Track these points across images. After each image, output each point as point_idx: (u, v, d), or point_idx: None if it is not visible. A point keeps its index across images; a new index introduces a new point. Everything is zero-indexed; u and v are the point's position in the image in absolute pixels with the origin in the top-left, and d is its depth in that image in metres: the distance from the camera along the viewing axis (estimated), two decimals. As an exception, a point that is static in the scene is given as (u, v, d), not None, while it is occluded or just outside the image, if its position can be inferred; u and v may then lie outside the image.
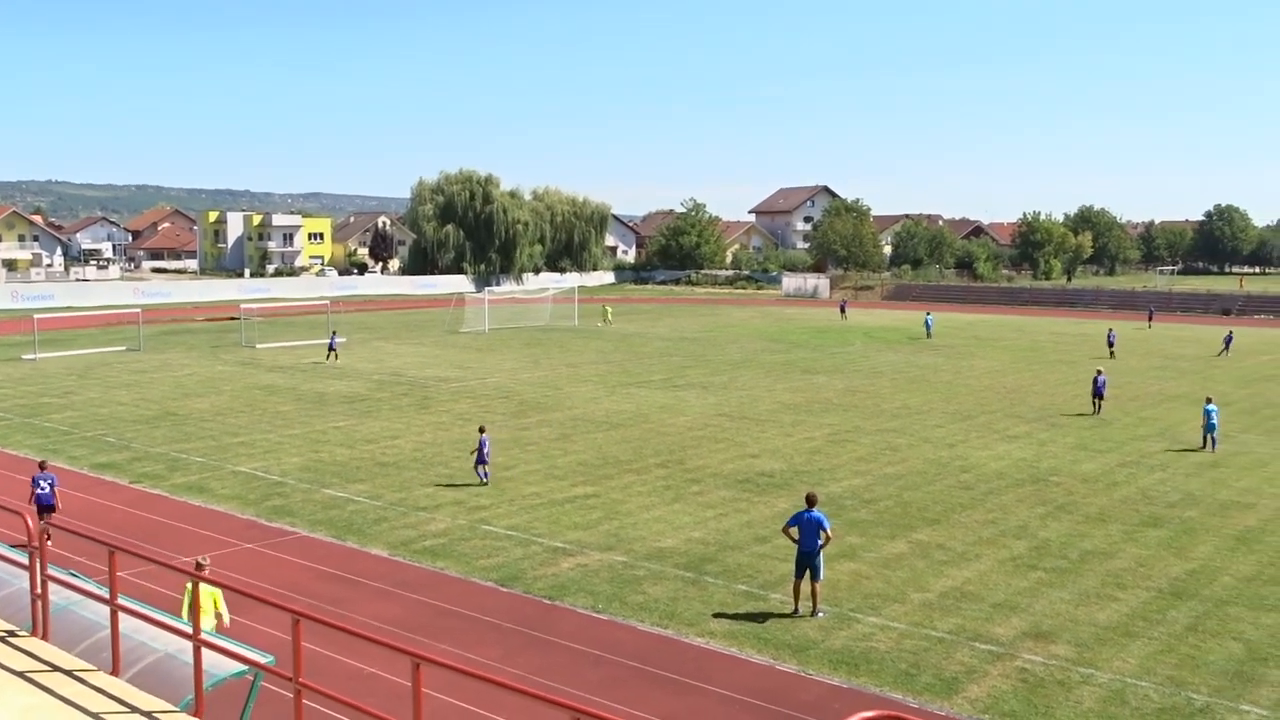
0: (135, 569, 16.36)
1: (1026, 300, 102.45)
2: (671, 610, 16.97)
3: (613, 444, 30.26)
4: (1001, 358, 53.95)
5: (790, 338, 63.84)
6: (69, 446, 29.37)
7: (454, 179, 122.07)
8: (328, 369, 46.30)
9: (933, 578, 18.69)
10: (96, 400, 37.53)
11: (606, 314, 73.27)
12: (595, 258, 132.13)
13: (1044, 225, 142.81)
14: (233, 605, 15.40)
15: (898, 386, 42.80)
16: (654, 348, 56.95)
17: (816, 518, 16.93)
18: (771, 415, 35.39)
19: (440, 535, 21.04)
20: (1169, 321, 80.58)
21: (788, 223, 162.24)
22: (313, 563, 19.36)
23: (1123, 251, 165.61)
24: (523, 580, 18.39)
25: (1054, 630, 16.26)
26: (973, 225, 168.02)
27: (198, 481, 25.40)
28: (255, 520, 22.16)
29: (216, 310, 78.65)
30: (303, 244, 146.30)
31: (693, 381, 43.52)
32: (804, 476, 26.17)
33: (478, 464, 25.27)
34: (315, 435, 31.24)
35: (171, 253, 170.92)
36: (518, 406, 36.72)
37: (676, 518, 22.49)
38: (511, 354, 53.18)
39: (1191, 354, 56.78)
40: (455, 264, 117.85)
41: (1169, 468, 27.96)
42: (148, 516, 22.38)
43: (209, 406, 36.23)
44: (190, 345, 56.29)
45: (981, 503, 24.00)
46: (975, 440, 31.44)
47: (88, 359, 49.59)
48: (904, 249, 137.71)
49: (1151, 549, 20.58)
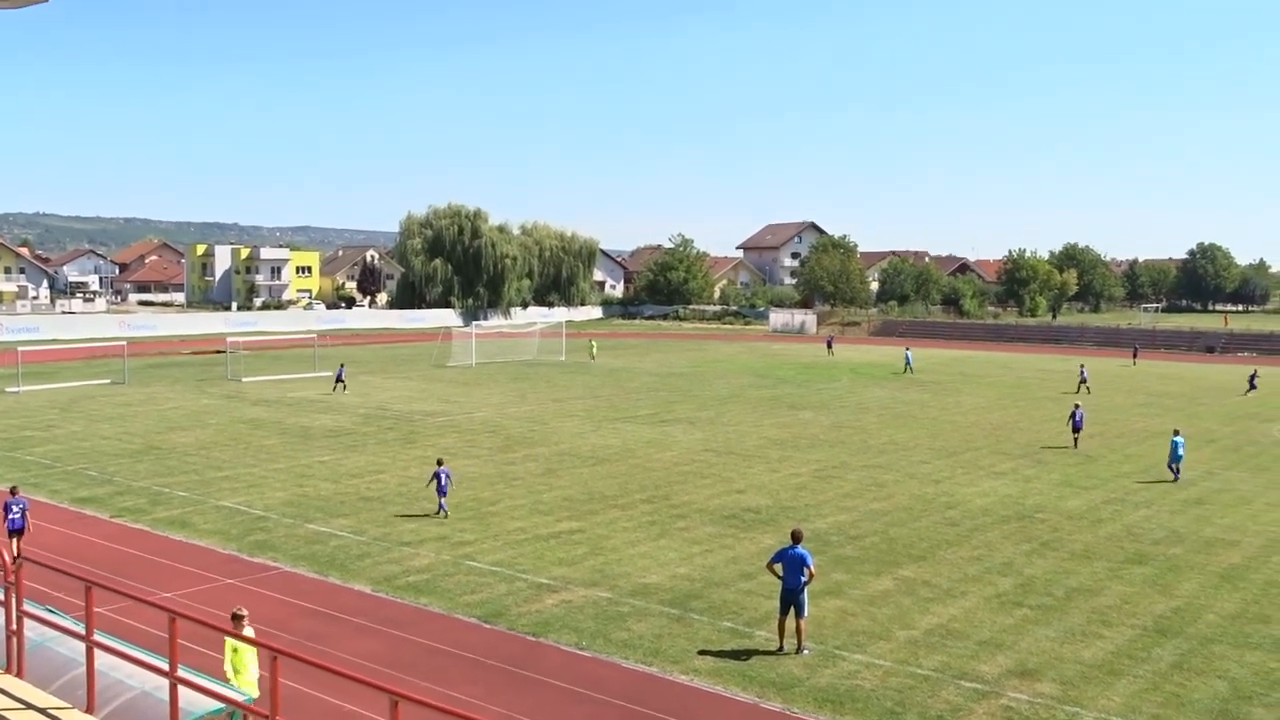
0: (113, 605, 16.20)
1: (1012, 337, 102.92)
2: (656, 647, 16.86)
3: (599, 479, 30.18)
4: (987, 394, 54.11)
5: (777, 373, 63.92)
6: (50, 480, 29.14)
7: (442, 213, 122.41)
8: (314, 402, 46.14)
9: (918, 615, 18.63)
10: (79, 434, 37.29)
11: (592, 349, 73.17)
12: (583, 292, 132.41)
13: (1029, 262, 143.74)
14: (213, 643, 15.23)
15: (884, 422, 42.84)
16: (641, 383, 56.95)
17: (801, 554, 16.88)
18: (758, 451, 35.37)
19: (424, 571, 20.90)
20: (1154, 359, 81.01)
21: (775, 259, 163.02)
22: (294, 599, 19.19)
23: (1107, 289, 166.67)
24: (506, 617, 18.26)
25: (1039, 668, 16.20)
26: (959, 262, 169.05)
27: (180, 516, 25.21)
28: (237, 555, 21.99)
29: (203, 343, 78.42)
30: (290, 277, 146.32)
31: (679, 417, 43.49)
32: (790, 512, 26.13)
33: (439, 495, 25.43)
34: (300, 469, 31.08)
35: (159, 285, 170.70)
36: (504, 441, 36.62)
37: (662, 554, 22.40)
38: (498, 388, 53.11)
39: (1176, 391, 57.03)
40: (443, 298, 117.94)
41: (1154, 504, 28.00)
42: (128, 551, 22.17)
43: (193, 440, 36.03)
44: (176, 378, 56.05)
45: (967, 539, 23.98)
46: (961, 476, 31.46)
47: (71, 392, 49.33)
48: (890, 285, 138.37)
49: (1137, 586, 20.57)
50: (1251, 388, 56.04)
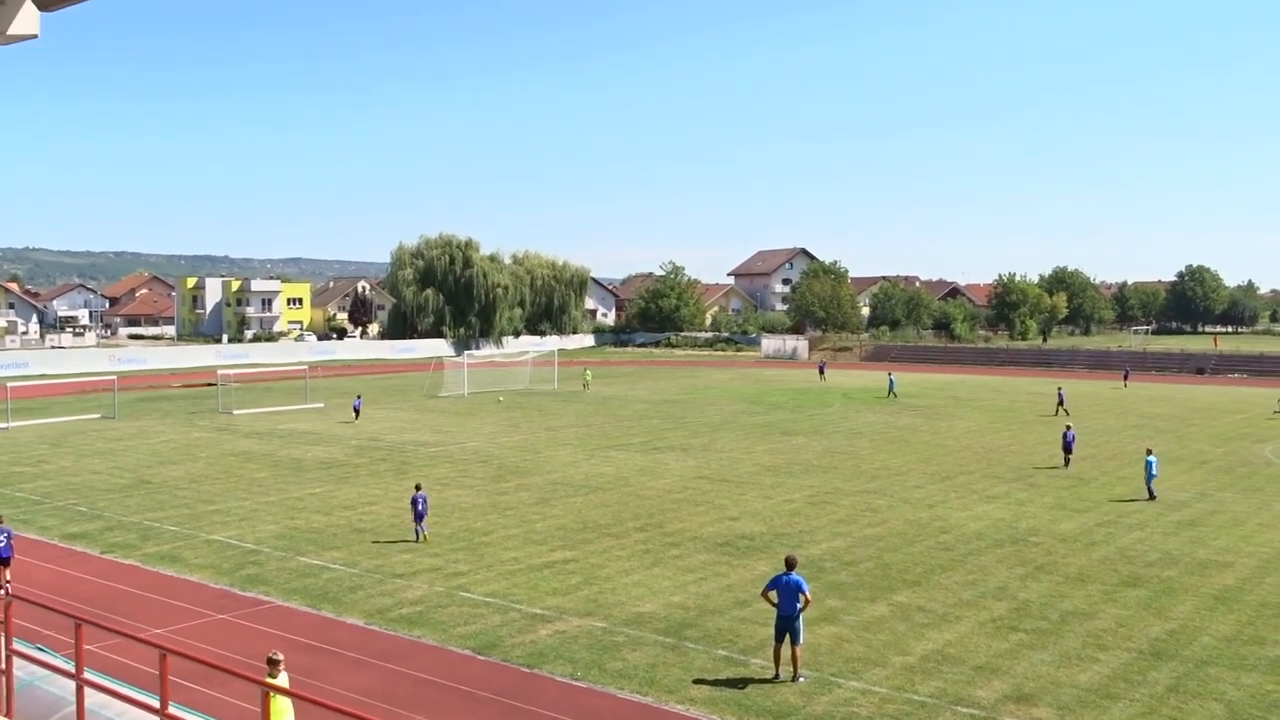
0: (104, 642, 16.08)
1: (1003, 360, 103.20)
2: (651, 677, 16.78)
3: (592, 508, 30.11)
4: (979, 418, 54.18)
5: (769, 399, 63.96)
6: (40, 517, 28.98)
7: (434, 243, 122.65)
8: (306, 434, 46.02)
9: (914, 640, 18.58)
10: (69, 469, 37.13)
11: (586, 377, 72.97)
12: (575, 321, 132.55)
13: (1019, 286, 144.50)
14: (203, 678, 15.13)
15: (877, 447, 42.87)
16: (633, 410, 56.93)
17: (795, 581, 16.84)
18: (751, 477, 35.34)
19: (417, 603, 20.80)
20: (1144, 380, 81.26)
21: (766, 285, 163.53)
22: (287, 633, 19.06)
23: (1097, 312, 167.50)
24: (500, 648, 18.17)
25: (1035, 693, 16.15)
26: (949, 286, 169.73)
27: (171, 551, 25.07)
28: (229, 590, 21.86)
29: (194, 376, 78.25)
30: (281, 309, 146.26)
31: (672, 444, 43.46)
32: (784, 539, 26.08)
33: (417, 520, 25.82)
34: (291, 502, 30.96)
35: (149, 319, 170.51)
36: (496, 471, 36.54)
37: (656, 582, 22.32)
38: (491, 418, 53.04)
39: (1168, 413, 57.19)
40: (435, 328, 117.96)
41: (1147, 527, 28.02)
42: (118, 587, 22.03)
43: (184, 474, 35.89)
44: (166, 412, 55.89)
45: (961, 564, 23.95)
46: (954, 501, 31.46)
47: (61, 427, 49.14)
48: (882, 310, 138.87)
49: (1131, 609, 20.54)
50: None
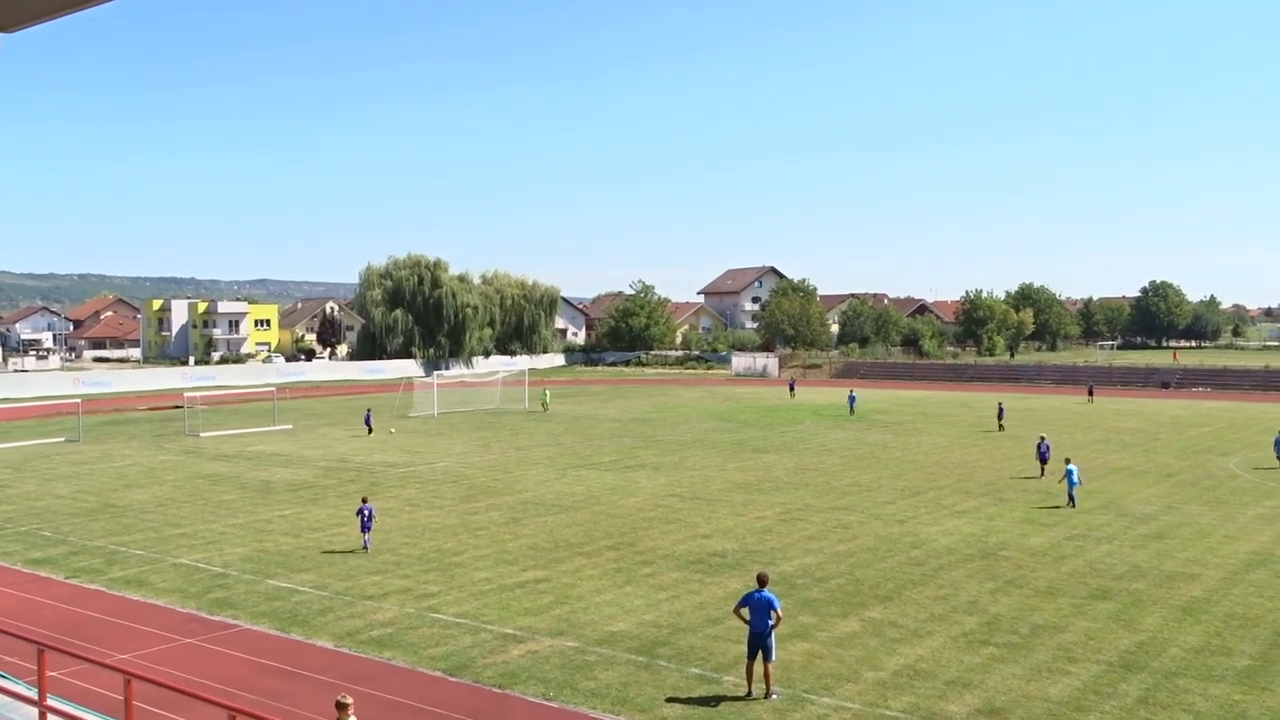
0: (68, 668, 15.84)
1: (971, 376, 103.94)
2: (624, 696, 16.71)
3: (563, 527, 30.01)
4: (948, 433, 54.50)
5: (740, 417, 64.08)
6: (2, 542, 28.54)
7: (402, 264, 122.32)
8: (274, 455, 45.63)
9: (886, 656, 18.61)
10: (33, 493, 36.61)
11: (545, 398, 71.27)
12: (545, 340, 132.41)
13: (986, 303, 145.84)
14: (171, 704, 14.93)
15: (848, 463, 43.02)
16: (604, 429, 56.86)
17: (767, 598, 16.84)
18: (723, 495, 35.35)
19: (388, 624, 20.63)
20: (1111, 395, 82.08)
21: (736, 303, 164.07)
22: (256, 656, 18.85)
23: (1063, 327, 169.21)
24: (472, 669, 18.04)
25: (1007, 706, 16.20)
26: (917, 303, 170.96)
27: (137, 575, 24.75)
28: (196, 614, 21.59)
29: (160, 399, 77.49)
30: (249, 331, 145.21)
31: (643, 462, 43.42)
32: (756, 556, 26.09)
33: (363, 530, 27.04)
34: (260, 524, 30.66)
35: (114, 341, 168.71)
36: (467, 490, 36.36)
37: (628, 601, 22.26)
38: (461, 438, 52.81)
39: (1134, 427, 57.75)
40: (404, 348, 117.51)
41: (1115, 540, 28.24)
42: (83, 613, 21.72)
43: (150, 497, 35.47)
44: (132, 435, 55.28)
45: (932, 579, 24.04)
46: (925, 516, 31.59)
47: (24, 451, 48.48)
48: (851, 327, 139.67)
49: (1101, 622, 20.68)
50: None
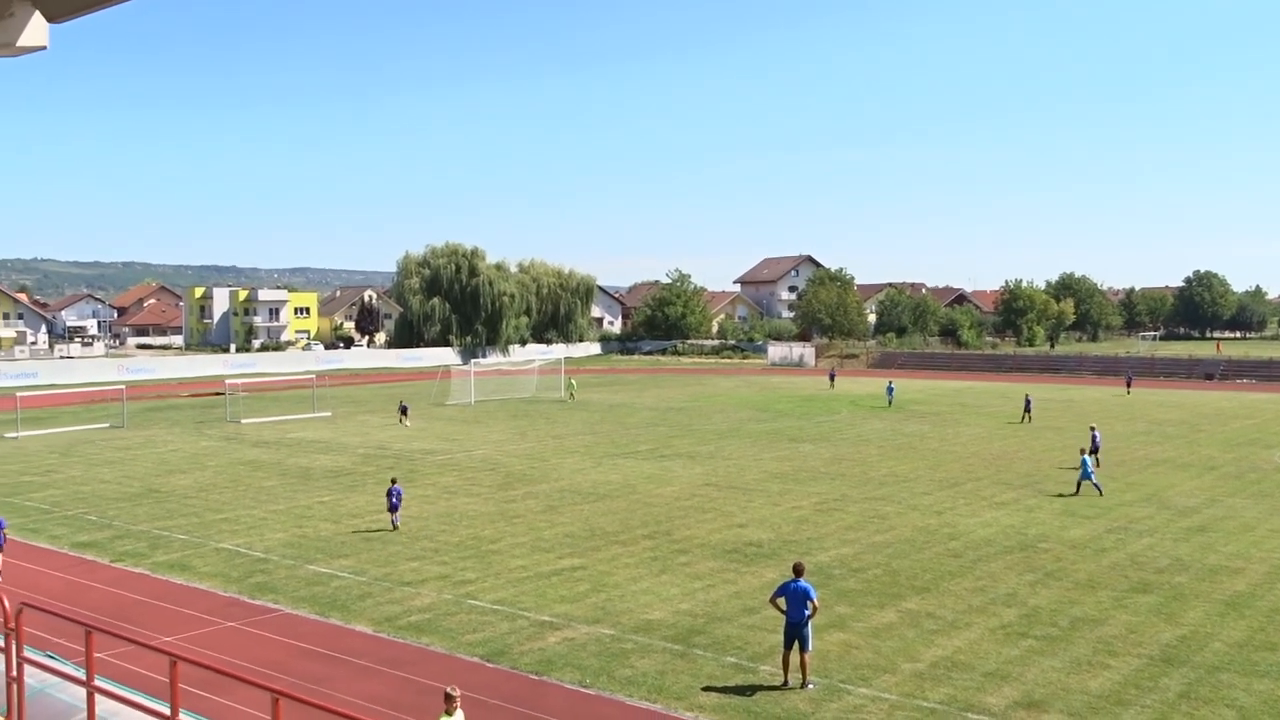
0: (114, 650, 16.11)
1: (1010, 367, 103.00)
2: (660, 684, 16.75)
3: (600, 515, 30.10)
4: (987, 424, 54.06)
5: (776, 406, 63.91)
6: (49, 525, 29.05)
7: (440, 252, 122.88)
8: (314, 442, 46.08)
9: (923, 647, 18.53)
10: (79, 478, 37.21)
11: (571, 388, 71.16)
12: (581, 329, 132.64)
13: (1026, 292, 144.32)
14: (214, 686, 15.14)
15: (885, 454, 42.80)
16: (640, 418, 56.92)
17: (803, 588, 16.81)
18: (759, 484, 35.30)
19: (425, 610, 20.80)
20: (1153, 386, 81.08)
21: (772, 292, 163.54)
22: (296, 640, 19.08)
23: (1105, 318, 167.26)
24: (509, 655, 18.16)
25: (1046, 699, 16.09)
26: (956, 293, 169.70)
27: (180, 559, 25.11)
28: (237, 598, 21.88)
29: (202, 386, 78.43)
30: (289, 319, 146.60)
31: (679, 451, 43.43)
32: (792, 546, 26.04)
33: (391, 510, 28.17)
34: (300, 510, 30.99)
35: (157, 329, 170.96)
36: (504, 479, 36.55)
37: (664, 589, 22.30)
38: (498, 426, 53.06)
39: (1176, 419, 57.03)
40: (441, 337, 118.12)
41: (1157, 533, 27.92)
42: (128, 595, 22.07)
43: (192, 483, 35.95)
44: (174, 421, 56.01)
45: (970, 570, 23.89)
46: (963, 507, 31.39)
47: (70, 436, 49.27)
48: (888, 317, 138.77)
49: (1142, 615, 20.47)
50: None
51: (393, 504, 28.23)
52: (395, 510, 28.24)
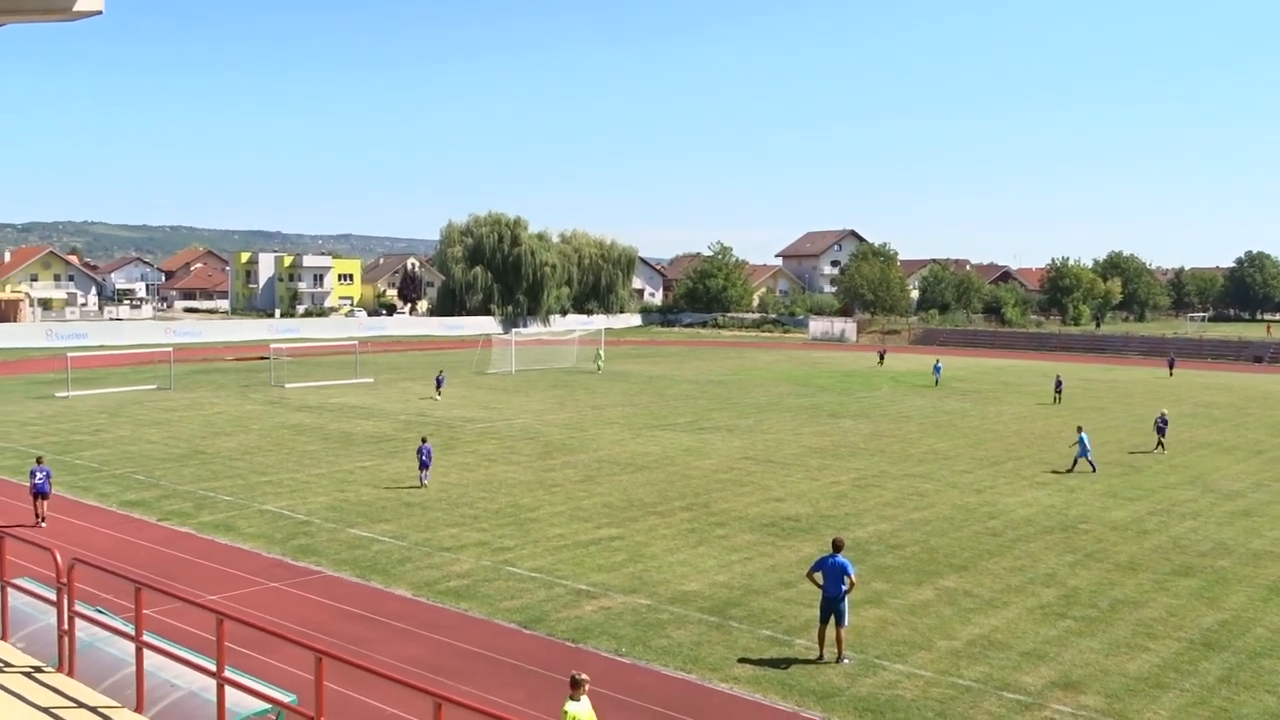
0: (160, 607, 16.46)
1: (1055, 346, 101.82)
2: (695, 655, 16.85)
3: (638, 486, 30.20)
4: (1029, 403, 53.55)
5: (817, 381, 63.68)
6: (98, 484, 29.61)
7: (482, 221, 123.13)
8: (356, 408, 46.54)
9: (960, 625, 18.48)
10: (127, 438, 37.87)
11: (599, 358, 70.53)
12: (622, 300, 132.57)
13: (1073, 271, 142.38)
14: (257, 644, 15.41)
15: (925, 431, 42.54)
16: (680, 390, 56.94)
17: (841, 563, 16.80)
18: (797, 459, 35.25)
19: (464, 576, 21.02)
20: (1200, 369, 79.87)
21: (815, 266, 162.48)
22: (336, 602, 19.37)
23: (1152, 298, 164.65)
24: (546, 622, 18.33)
25: (1083, 680, 16.01)
26: (1000, 270, 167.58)
27: (225, 520, 25.53)
28: (281, 559, 22.23)
29: (247, 350, 79.36)
30: (333, 285, 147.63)
31: (718, 424, 43.43)
32: (830, 521, 26.01)
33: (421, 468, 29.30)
34: (341, 475, 31.37)
35: (204, 293, 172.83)
36: (543, 448, 36.75)
37: (701, 561, 22.37)
38: (538, 395, 53.29)
39: (1223, 401, 56.17)
40: (483, 305, 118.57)
41: (1201, 516, 27.60)
42: (174, 554, 22.49)
43: (237, 445, 36.47)
44: (220, 384, 56.77)
45: (1009, 549, 23.75)
46: (1003, 486, 31.17)
47: (119, 397, 50.09)
48: (931, 293, 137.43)
49: (1183, 599, 20.28)
50: None
51: (422, 461, 29.29)
52: (425, 468, 29.28)
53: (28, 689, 9.01)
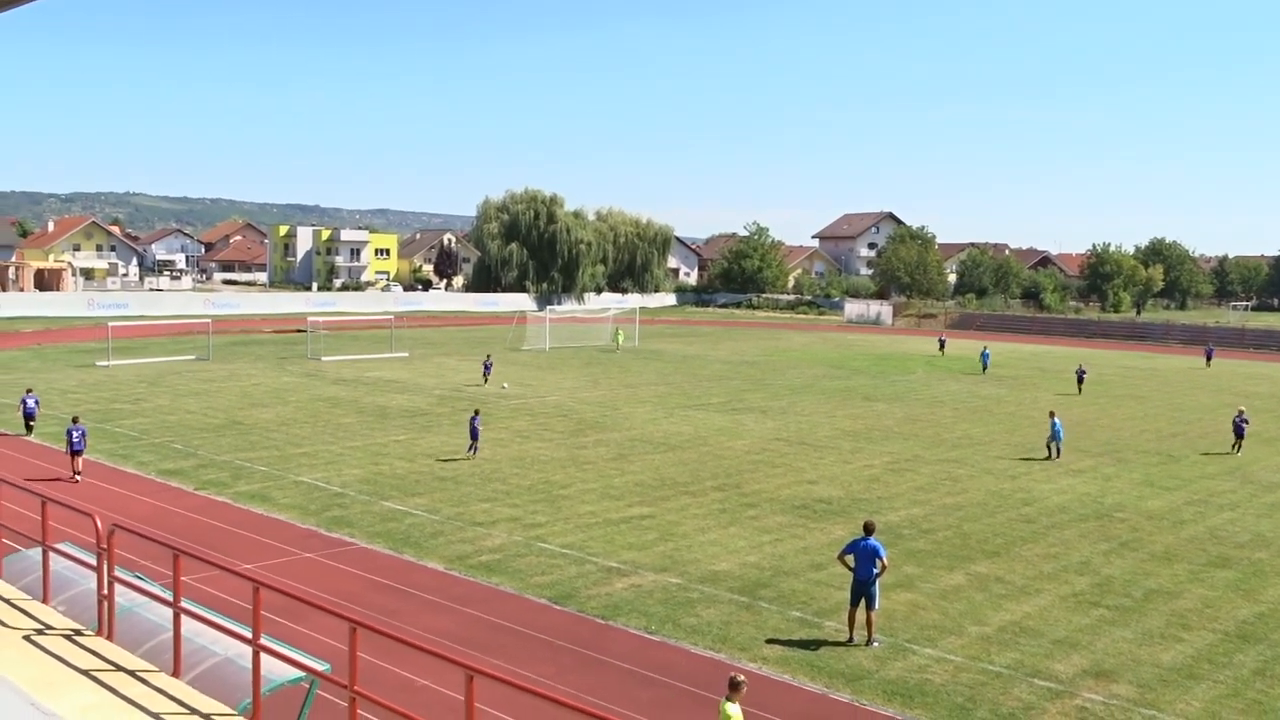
0: (198, 574, 16.70)
1: (1094, 333, 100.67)
2: (725, 634, 16.89)
3: (670, 465, 30.24)
4: (1067, 389, 53.02)
5: (851, 364, 63.38)
6: (138, 452, 30.03)
7: (519, 198, 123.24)
8: (391, 382, 46.85)
9: (991, 611, 18.40)
10: (165, 407, 38.34)
11: (617, 336, 69.99)
12: (657, 279, 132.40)
13: (1114, 257, 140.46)
14: (291, 613, 15.61)
15: (959, 416, 42.26)
16: (713, 371, 56.86)
17: (873, 546, 16.76)
18: (830, 442, 35.14)
19: (496, 551, 21.16)
20: (1241, 358, 78.74)
21: (851, 249, 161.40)
22: (369, 573, 19.57)
23: (1195, 286, 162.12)
24: (576, 599, 18.42)
25: (1116, 669, 15.90)
26: (1040, 255, 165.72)
27: (260, 490, 25.82)
28: (315, 530, 22.47)
29: (284, 322, 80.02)
30: (369, 259, 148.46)
31: (752, 405, 43.36)
32: (862, 504, 25.94)
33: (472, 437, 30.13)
34: (376, 448, 31.62)
35: (242, 265, 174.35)
36: (576, 425, 36.85)
37: (732, 541, 22.39)
38: (571, 373, 53.41)
39: (1265, 391, 55.37)
40: (518, 282, 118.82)
41: (1239, 507, 27.27)
42: (210, 523, 22.79)
43: (274, 417, 36.83)
44: (258, 356, 57.32)
45: (1043, 536, 23.59)
46: (1038, 473, 30.93)
47: (158, 367, 50.71)
48: (969, 277, 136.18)
49: (1219, 590, 20.07)
50: None
51: (473, 430, 30.21)
52: (475, 437, 30.16)
53: (68, 651, 9.18)
